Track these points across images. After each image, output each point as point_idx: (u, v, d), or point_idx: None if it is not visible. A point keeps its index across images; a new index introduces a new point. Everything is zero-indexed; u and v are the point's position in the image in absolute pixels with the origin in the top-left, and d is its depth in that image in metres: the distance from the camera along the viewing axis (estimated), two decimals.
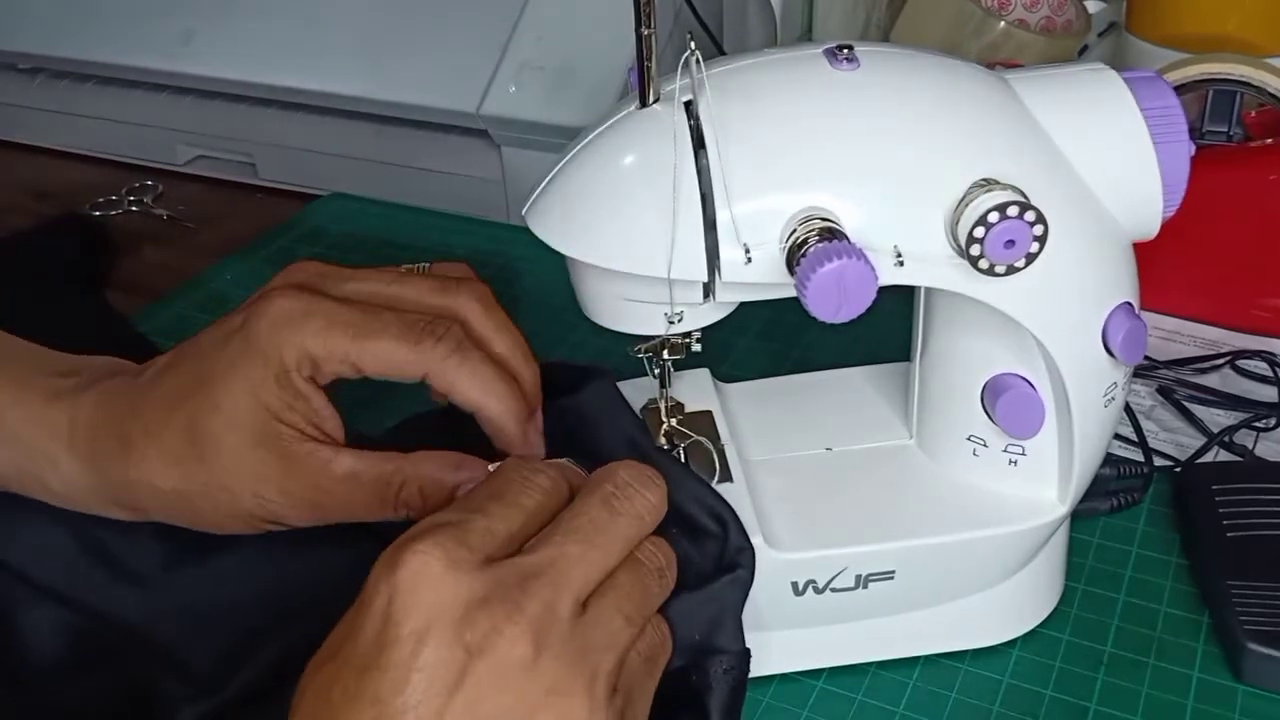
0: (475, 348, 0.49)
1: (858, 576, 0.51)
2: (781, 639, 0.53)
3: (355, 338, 0.48)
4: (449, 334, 0.48)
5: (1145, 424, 0.67)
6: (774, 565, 0.50)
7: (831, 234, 0.44)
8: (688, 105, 0.46)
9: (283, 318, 0.48)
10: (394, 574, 0.38)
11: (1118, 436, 0.65)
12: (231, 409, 0.48)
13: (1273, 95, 0.76)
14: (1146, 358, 0.64)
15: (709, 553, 0.48)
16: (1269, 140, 0.78)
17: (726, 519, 0.49)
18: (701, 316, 0.50)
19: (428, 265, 0.54)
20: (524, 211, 0.49)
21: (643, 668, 0.42)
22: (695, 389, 0.58)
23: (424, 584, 0.38)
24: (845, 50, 0.47)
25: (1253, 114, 0.79)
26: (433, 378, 0.49)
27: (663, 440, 0.55)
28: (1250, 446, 0.66)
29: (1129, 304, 0.49)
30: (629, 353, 0.53)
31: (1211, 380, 0.71)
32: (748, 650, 0.47)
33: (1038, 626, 0.56)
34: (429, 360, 0.48)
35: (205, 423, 0.49)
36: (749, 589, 0.48)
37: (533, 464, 0.44)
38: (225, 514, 0.50)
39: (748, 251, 0.45)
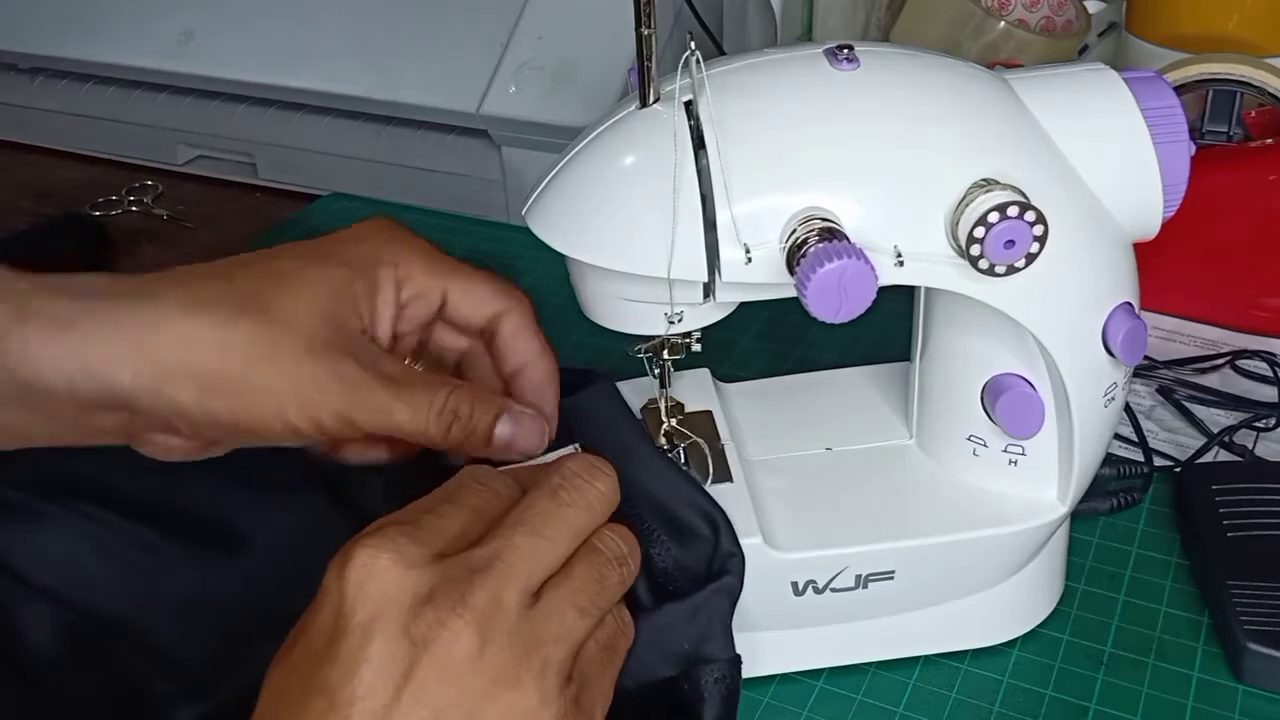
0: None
1: (858, 576, 0.51)
2: (781, 639, 0.53)
3: (450, 274, 0.50)
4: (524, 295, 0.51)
5: (1145, 424, 0.67)
6: (774, 565, 0.50)
7: (831, 234, 0.44)
8: (688, 105, 0.46)
9: (388, 231, 0.50)
10: (345, 568, 0.39)
11: (1118, 436, 0.65)
12: (311, 289, 0.46)
13: (1273, 95, 0.76)
14: (1146, 358, 0.64)
15: (699, 556, 0.48)
16: (1269, 140, 0.78)
17: (718, 523, 0.49)
18: (701, 316, 0.50)
19: None
20: (524, 211, 0.49)
21: (600, 656, 0.42)
22: (695, 389, 0.58)
23: (372, 577, 0.38)
24: (845, 50, 0.47)
25: (1253, 114, 0.79)
26: (510, 319, 0.51)
27: (663, 440, 0.55)
28: (1250, 446, 0.66)
29: (1129, 304, 0.49)
30: (629, 353, 0.53)
31: (1211, 380, 0.71)
32: (738, 657, 0.47)
33: (1038, 626, 0.56)
34: (514, 301, 0.51)
35: (268, 291, 0.45)
36: (738, 596, 0.48)
37: (486, 471, 0.44)
38: (240, 407, 0.45)
39: (748, 251, 0.45)
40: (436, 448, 0.47)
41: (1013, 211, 0.44)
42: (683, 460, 0.54)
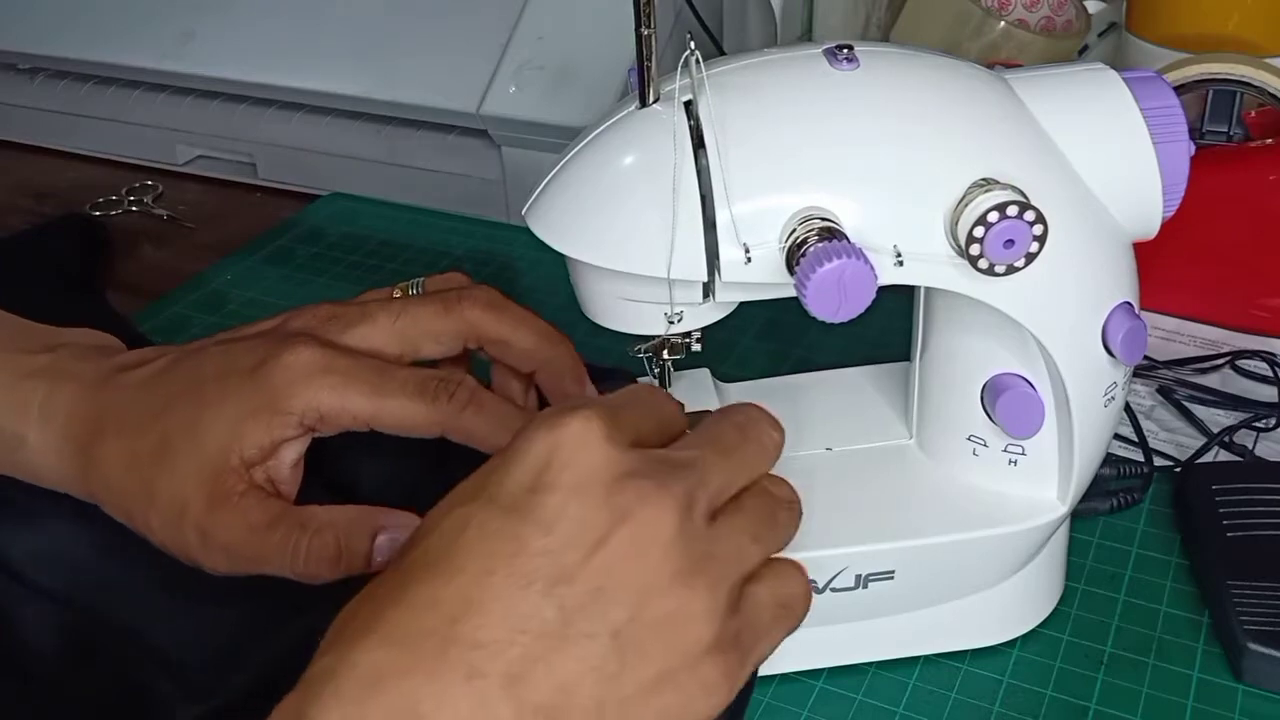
0: (487, 392, 0.50)
1: (858, 576, 0.51)
2: None
3: (371, 396, 0.48)
4: (461, 387, 0.49)
5: (1145, 424, 0.67)
6: None
7: (831, 234, 0.44)
8: (687, 105, 0.46)
9: (301, 370, 0.48)
10: (557, 430, 0.38)
11: (1118, 436, 0.65)
12: (204, 434, 0.48)
13: (1273, 95, 0.76)
14: (1146, 358, 0.64)
15: None
16: (1269, 140, 0.78)
17: None
18: (701, 316, 0.50)
19: (421, 281, 0.54)
20: (524, 211, 0.49)
21: (773, 610, 0.41)
22: (695, 389, 0.58)
23: (585, 444, 0.38)
24: (845, 50, 0.47)
25: (1253, 114, 0.79)
26: (450, 432, 0.49)
27: None
28: (1250, 446, 0.66)
29: (1129, 304, 0.49)
30: (629, 353, 0.53)
31: (1211, 380, 0.71)
32: None
33: (1038, 626, 0.56)
34: (445, 417, 0.48)
35: (174, 438, 0.48)
36: None
37: (664, 393, 0.44)
38: (151, 530, 0.49)
39: (747, 251, 0.45)
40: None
41: (1012, 211, 0.44)
42: None
